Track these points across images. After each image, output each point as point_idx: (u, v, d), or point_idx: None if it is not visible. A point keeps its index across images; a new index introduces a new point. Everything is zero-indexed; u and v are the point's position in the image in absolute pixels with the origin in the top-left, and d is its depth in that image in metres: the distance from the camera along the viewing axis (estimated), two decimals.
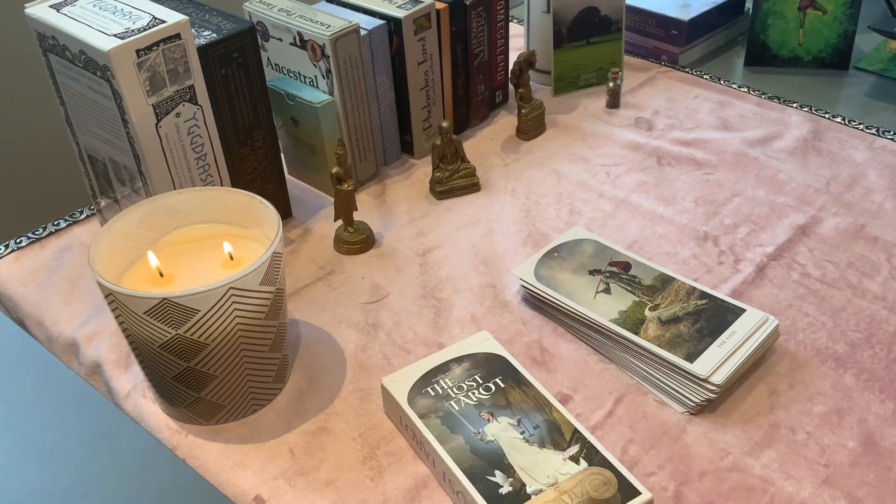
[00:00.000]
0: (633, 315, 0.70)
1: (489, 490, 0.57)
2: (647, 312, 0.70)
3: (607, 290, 0.73)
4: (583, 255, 0.77)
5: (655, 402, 0.67)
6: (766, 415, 0.66)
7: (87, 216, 0.91)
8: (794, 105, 1.03)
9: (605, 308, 0.71)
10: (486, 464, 0.59)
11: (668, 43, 1.13)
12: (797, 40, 1.10)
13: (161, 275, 0.66)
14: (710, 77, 1.10)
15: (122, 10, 0.71)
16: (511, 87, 1.04)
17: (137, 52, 0.67)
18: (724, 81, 1.09)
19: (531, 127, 1.00)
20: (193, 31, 0.74)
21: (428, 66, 0.93)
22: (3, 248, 0.87)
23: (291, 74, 0.90)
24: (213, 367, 0.63)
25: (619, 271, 0.75)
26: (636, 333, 0.68)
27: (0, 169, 1.26)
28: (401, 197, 0.92)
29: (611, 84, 1.03)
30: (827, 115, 1.01)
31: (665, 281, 0.73)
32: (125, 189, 0.77)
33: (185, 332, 0.60)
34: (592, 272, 0.75)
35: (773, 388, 0.68)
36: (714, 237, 0.83)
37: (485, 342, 0.69)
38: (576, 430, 0.61)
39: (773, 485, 0.61)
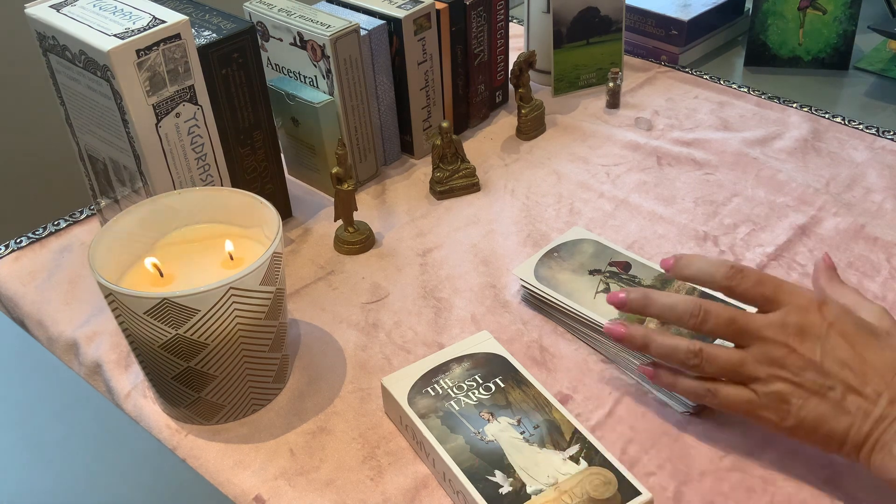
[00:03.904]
0: (632, 315, 0.70)
1: (489, 490, 0.57)
2: None
3: (607, 290, 0.73)
4: (583, 255, 0.77)
5: (655, 402, 0.67)
6: None
7: (87, 216, 0.91)
8: (794, 105, 1.03)
9: (605, 308, 0.71)
10: (486, 464, 0.59)
11: (668, 43, 1.13)
12: (797, 40, 1.10)
13: (161, 275, 0.66)
14: (710, 77, 1.10)
15: (122, 10, 0.71)
16: (511, 87, 1.04)
17: (137, 52, 0.67)
18: (723, 81, 1.09)
19: (531, 127, 1.00)
20: (193, 31, 0.74)
21: (428, 66, 0.93)
22: (3, 248, 0.87)
23: (291, 74, 0.90)
24: (213, 367, 0.63)
25: (618, 271, 0.75)
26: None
27: (0, 169, 1.26)
28: (401, 197, 0.92)
29: (611, 84, 1.03)
30: (827, 116, 1.01)
31: (665, 281, 0.73)
32: (125, 189, 0.77)
33: (185, 332, 0.60)
34: (592, 272, 0.75)
35: None
36: (714, 237, 0.83)
37: (485, 342, 0.69)
38: (576, 430, 0.61)
39: (772, 485, 0.61)
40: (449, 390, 0.64)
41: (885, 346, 0.58)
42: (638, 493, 0.56)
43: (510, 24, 1.03)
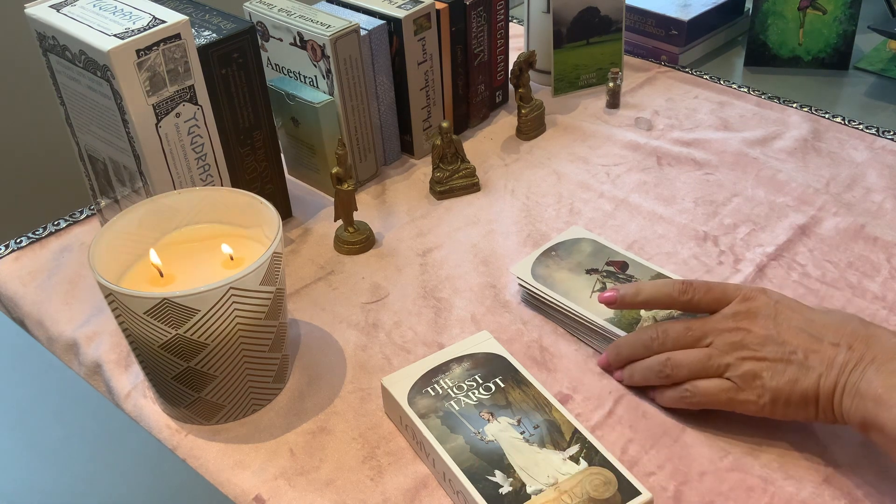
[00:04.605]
0: (628, 314, 0.70)
1: (489, 490, 0.57)
2: (642, 312, 0.70)
3: (603, 289, 0.73)
4: (580, 255, 0.77)
5: (656, 402, 0.67)
6: None
7: (87, 216, 0.91)
8: (794, 105, 1.03)
9: (600, 307, 0.71)
10: (486, 464, 0.59)
11: (668, 43, 1.13)
12: (797, 40, 1.10)
13: (161, 275, 0.66)
14: (710, 77, 1.10)
15: (122, 10, 0.71)
16: (511, 87, 1.04)
17: (137, 52, 0.67)
18: (723, 81, 1.09)
19: (531, 127, 1.00)
20: (193, 31, 0.74)
21: (428, 66, 0.93)
22: (3, 248, 0.87)
23: (291, 74, 0.90)
24: (213, 367, 0.63)
25: (615, 271, 0.75)
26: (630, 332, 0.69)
27: (0, 169, 1.26)
28: (401, 197, 0.92)
29: (611, 84, 1.03)
30: (827, 115, 1.01)
31: None
32: (125, 189, 0.77)
33: (185, 332, 0.60)
34: (589, 271, 0.75)
35: None
36: (714, 237, 0.83)
37: (485, 342, 0.69)
38: (576, 430, 0.61)
39: (772, 485, 0.61)
40: (449, 390, 0.64)
41: (829, 312, 0.62)
42: (638, 493, 0.56)
43: (510, 24, 1.03)
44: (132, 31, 0.67)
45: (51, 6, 0.73)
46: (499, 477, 0.58)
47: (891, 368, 0.56)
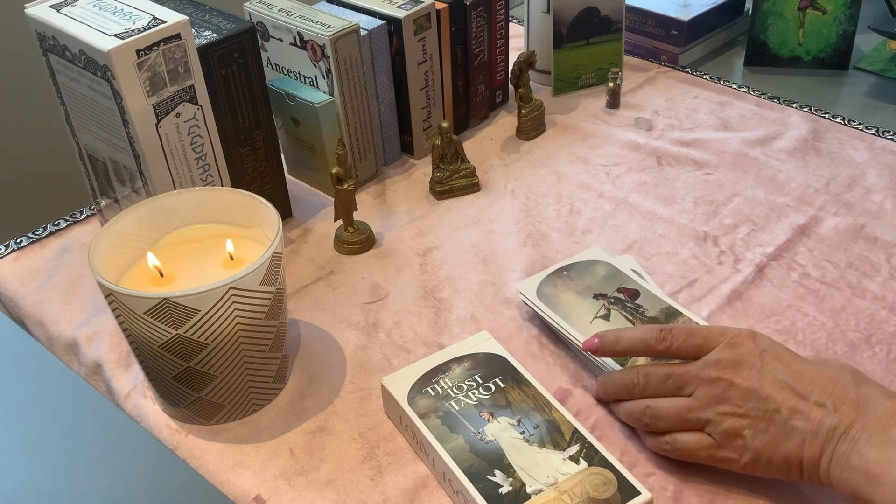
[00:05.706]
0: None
1: (489, 490, 0.57)
2: None
3: (606, 317, 0.70)
4: (592, 278, 0.74)
5: None
6: None
7: (87, 216, 0.91)
8: (794, 105, 1.03)
9: (595, 332, 0.67)
10: (485, 463, 0.59)
11: (668, 43, 1.13)
12: (797, 40, 1.10)
13: (161, 275, 0.66)
14: (710, 77, 1.10)
15: (122, 10, 0.71)
16: (511, 87, 1.04)
17: (137, 52, 0.67)
18: (723, 81, 1.09)
19: (531, 127, 1.00)
20: (193, 31, 0.74)
21: (428, 66, 0.93)
22: (3, 248, 0.87)
23: (291, 74, 0.90)
24: (213, 367, 0.63)
25: (625, 298, 0.72)
26: (622, 364, 0.66)
27: (0, 169, 1.26)
28: (401, 197, 0.92)
29: (611, 84, 1.03)
30: (827, 116, 1.01)
31: (670, 315, 0.70)
32: (125, 189, 0.77)
33: (185, 332, 0.60)
34: (597, 296, 0.72)
35: None
36: (714, 237, 0.83)
37: (485, 342, 0.69)
38: (575, 430, 0.61)
39: (773, 484, 0.61)
40: (449, 390, 0.64)
41: (819, 364, 0.58)
42: (638, 492, 0.56)
43: (510, 24, 1.03)
44: (132, 31, 0.67)
45: (51, 6, 0.73)
46: (499, 477, 0.58)
47: (883, 439, 0.52)
